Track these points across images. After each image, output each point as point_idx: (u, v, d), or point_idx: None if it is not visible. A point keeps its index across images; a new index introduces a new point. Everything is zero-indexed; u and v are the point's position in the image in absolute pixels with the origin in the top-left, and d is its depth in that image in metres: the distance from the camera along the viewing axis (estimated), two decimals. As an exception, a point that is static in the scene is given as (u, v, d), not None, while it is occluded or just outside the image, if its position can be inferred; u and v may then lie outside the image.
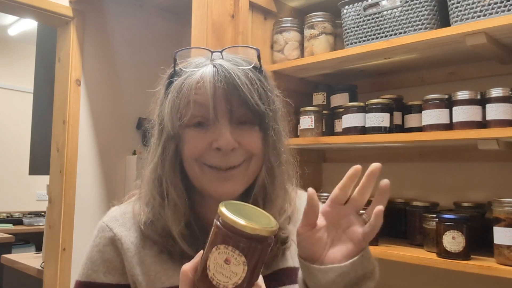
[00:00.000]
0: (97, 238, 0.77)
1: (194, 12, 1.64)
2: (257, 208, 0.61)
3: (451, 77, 1.62)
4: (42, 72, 2.84)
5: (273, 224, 0.56)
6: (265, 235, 0.53)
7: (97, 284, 0.74)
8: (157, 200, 0.74)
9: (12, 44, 4.87)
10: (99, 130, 2.49)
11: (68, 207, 2.32)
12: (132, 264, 0.73)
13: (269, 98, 0.74)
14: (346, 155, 1.93)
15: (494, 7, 1.23)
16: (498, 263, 1.18)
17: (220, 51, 0.75)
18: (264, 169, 0.74)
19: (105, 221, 0.78)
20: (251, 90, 0.70)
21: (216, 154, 0.70)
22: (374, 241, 1.42)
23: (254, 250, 0.52)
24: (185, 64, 0.76)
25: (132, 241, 0.75)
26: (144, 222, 0.75)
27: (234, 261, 0.52)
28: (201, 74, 0.70)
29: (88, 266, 0.75)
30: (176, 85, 0.73)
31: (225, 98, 0.70)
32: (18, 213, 4.53)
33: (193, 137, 0.71)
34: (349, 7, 1.56)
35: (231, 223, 0.52)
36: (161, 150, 0.74)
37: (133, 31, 2.66)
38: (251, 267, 0.53)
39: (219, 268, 0.52)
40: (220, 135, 0.69)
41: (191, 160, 0.72)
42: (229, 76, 0.69)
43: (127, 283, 0.74)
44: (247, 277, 0.53)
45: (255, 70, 0.74)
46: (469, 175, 1.58)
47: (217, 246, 0.53)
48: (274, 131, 0.75)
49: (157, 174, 0.74)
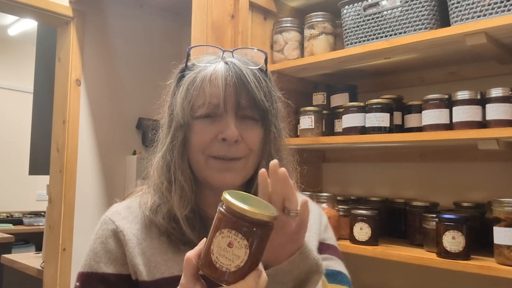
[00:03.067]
0: (99, 231, 0.80)
1: (194, 12, 1.64)
2: (258, 198, 0.65)
3: (451, 77, 1.62)
4: (42, 72, 2.84)
5: (273, 210, 0.59)
6: (266, 220, 0.56)
7: (99, 274, 0.76)
8: (165, 185, 0.78)
9: (12, 44, 4.87)
10: (99, 130, 2.49)
11: (68, 207, 2.32)
12: (133, 254, 0.76)
13: (272, 98, 0.81)
14: (346, 155, 1.93)
15: (494, 7, 1.23)
16: (498, 263, 1.18)
17: (231, 51, 0.81)
18: (265, 163, 0.77)
19: (108, 215, 0.82)
20: (258, 87, 0.76)
21: (221, 145, 0.75)
22: (374, 241, 1.43)
23: (256, 234, 0.55)
24: (197, 60, 0.81)
25: (134, 233, 0.78)
26: (150, 208, 0.79)
27: (237, 244, 0.55)
28: (214, 69, 0.76)
29: (90, 257, 0.78)
30: (189, 78, 0.78)
31: (235, 93, 0.75)
32: (18, 213, 4.53)
33: (201, 129, 0.76)
34: (349, 7, 1.56)
35: (235, 208, 0.55)
36: (171, 139, 0.79)
37: (133, 31, 2.66)
38: (252, 250, 0.55)
39: (222, 251, 0.55)
40: (226, 126, 0.75)
41: (198, 152, 0.77)
42: (240, 73, 0.76)
43: (128, 273, 0.77)
44: (249, 260, 0.55)
45: (261, 71, 0.80)
46: (469, 175, 1.58)
47: (220, 230, 0.56)
48: (276, 128, 0.81)
49: (166, 161, 0.79)
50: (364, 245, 1.42)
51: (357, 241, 1.44)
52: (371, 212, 1.44)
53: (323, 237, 0.87)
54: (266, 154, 0.79)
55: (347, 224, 1.50)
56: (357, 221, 1.44)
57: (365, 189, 1.86)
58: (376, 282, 1.76)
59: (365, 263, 1.66)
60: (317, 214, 0.90)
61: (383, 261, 1.39)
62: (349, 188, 1.92)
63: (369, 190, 1.85)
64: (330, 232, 0.91)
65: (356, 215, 1.45)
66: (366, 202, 1.68)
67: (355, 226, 1.45)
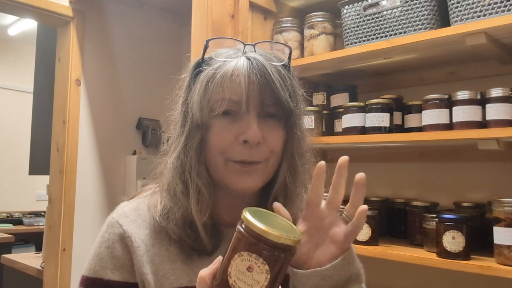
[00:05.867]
0: (106, 234, 0.75)
1: (194, 12, 1.64)
2: (280, 216, 0.61)
3: (451, 77, 1.62)
4: (42, 72, 2.84)
5: (298, 233, 0.56)
6: (290, 244, 0.52)
7: (104, 281, 0.72)
8: (180, 188, 0.72)
9: (12, 44, 4.86)
10: (99, 130, 2.49)
11: (68, 207, 2.31)
12: (141, 263, 0.72)
13: (297, 97, 0.75)
14: (346, 155, 1.92)
15: (494, 7, 1.23)
16: (498, 263, 1.18)
17: (253, 44, 0.74)
18: (286, 167, 0.74)
19: (115, 216, 0.76)
20: (283, 86, 0.70)
21: (242, 148, 0.69)
22: (374, 241, 1.43)
23: (278, 258, 0.52)
24: (215, 53, 0.74)
25: (142, 239, 0.73)
26: (160, 213, 0.73)
27: (257, 269, 0.51)
28: (236, 65, 0.69)
29: (95, 262, 0.74)
30: (207, 74, 0.71)
31: (259, 92, 0.69)
32: (18, 213, 4.53)
33: (221, 129, 0.70)
34: (349, 7, 1.56)
35: (256, 229, 0.51)
36: (186, 138, 0.72)
37: (133, 31, 2.66)
38: (273, 276, 0.52)
39: (241, 275, 0.52)
40: (248, 127, 0.69)
41: (216, 154, 0.71)
42: (264, 70, 0.69)
43: (135, 281, 0.73)
44: (269, 286, 0.52)
45: (285, 67, 0.74)
46: (469, 175, 1.58)
47: (240, 252, 0.52)
48: (300, 129, 0.76)
49: (181, 162, 0.72)
50: (364, 245, 1.42)
51: (357, 241, 1.44)
52: (371, 212, 1.44)
53: None
54: (287, 157, 0.74)
55: (347, 224, 1.50)
56: (357, 221, 1.44)
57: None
58: (376, 282, 1.76)
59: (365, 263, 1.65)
60: None
61: (383, 261, 1.39)
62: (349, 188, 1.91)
63: (369, 190, 1.83)
64: None
65: (356, 215, 1.45)
66: (366, 202, 1.67)
67: (355, 226, 1.45)
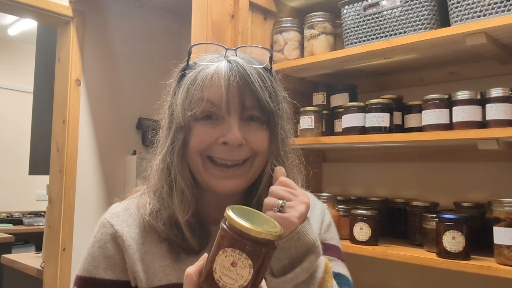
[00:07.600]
0: (98, 234, 0.77)
1: (194, 12, 1.64)
2: (262, 214, 0.64)
3: (451, 77, 1.62)
4: (42, 72, 2.84)
5: (278, 229, 0.58)
6: (271, 239, 0.55)
7: (98, 279, 0.75)
8: (165, 189, 0.75)
9: (12, 44, 4.86)
10: (99, 130, 2.49)
11: (68, 207, 2.32)
12: (133, 261, 0.74)
13: (278, 98, 0.77)
14: (346, 155, 1.93)
15: (494, 7, 1.23)
16: (498, 263, 1.18)
17: (235, 49, 0.77)
18: (270, 167, 0.75)
19: (107, 217, 0.79)
20: (263, 87, 0.72)
21: (222, 149, 0.72)
22: (374, 241, 1.43)
23: (260, 253, 0.55)
24: (199, 58, 0.77)
25: (133, 238, 0.76)
26: (149, 212, 0.76)
27: (241, 263, 0.54)
28: (216, 68, 0.72)
29: (89, 262, 0.76)
30: (189, 77, 0.74)
31: (238, 93, 0.71)
32: (18, 213, 4.53)
33: (201, 131, 0.73)
34: (349, 7, 1.56)
35: (238, 226, 0.54)
36: (170, 141, 0.75)
37: (133, 31, 2.66)
38: (256, 270, 0.55)
39: (226, 270, 0.54)
40: (229, 130, 0.71)
41: (195, 154, 0.73)
42: (243, 72, 0.71)
43: (127, 279, 0.75)
44: (252, 280, 0.55)
45: (266, 70, 0.76)
46: (469, 175, 1.58)
47: (224, 249, 0.54)
48: (283, 129, 0.78)
49: (166, 164, 0.75)
50: (364, 245, 1.42)
51: (357, 241, 1.44)
52: (371, 212, 1.44)
53: (324, 237, 0.85)
54: (272, 156, 0.76)
55: (347, 224, 1.50)
56: (357, 221, 1.44)
57: (365, 189, 1.86)
58: (376, 282, 1.76)
59: (365, 263, 1.66)
60: (318, 214, 0.87)
61: (383, 261, 1.39)
62: (349, 188, 1.92)
63: (369, 190, 1.85)
64: (333, 231, 0.89)
65: (356, 215, 1.45)
66: (366, 202, 1.68)
67: (355, 226, 1.45)
